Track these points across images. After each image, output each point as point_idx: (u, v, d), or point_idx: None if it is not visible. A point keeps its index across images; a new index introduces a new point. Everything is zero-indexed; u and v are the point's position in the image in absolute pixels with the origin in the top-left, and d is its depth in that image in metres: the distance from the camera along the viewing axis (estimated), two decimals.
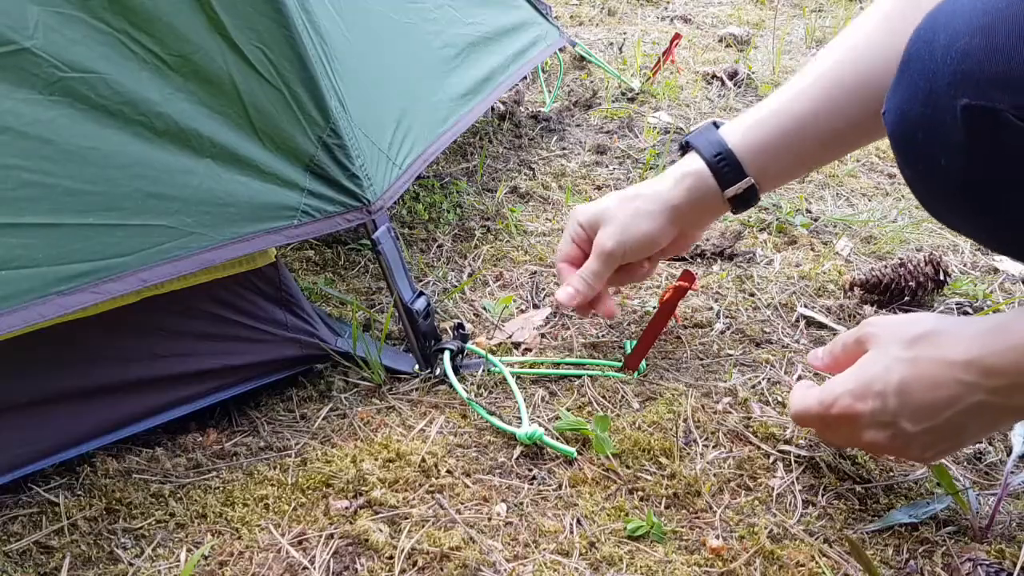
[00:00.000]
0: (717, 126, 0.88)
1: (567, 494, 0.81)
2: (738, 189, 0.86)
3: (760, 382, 0.98)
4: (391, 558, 0.73)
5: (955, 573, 0.72)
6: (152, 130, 0.77)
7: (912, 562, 0.74)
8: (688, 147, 0.89)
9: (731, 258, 1.26)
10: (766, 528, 0.77)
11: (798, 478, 0.84)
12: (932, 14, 0.64)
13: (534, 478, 0.83)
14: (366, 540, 0.75)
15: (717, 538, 0.76)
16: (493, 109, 1.77)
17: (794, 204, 1.43)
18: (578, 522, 0.78)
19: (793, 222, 1.36)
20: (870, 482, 0.83)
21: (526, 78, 1.97)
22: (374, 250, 0.92)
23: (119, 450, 0.85)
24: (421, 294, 0.97)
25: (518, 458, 0.86)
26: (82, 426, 0.80)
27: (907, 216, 1.41)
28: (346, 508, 0.78)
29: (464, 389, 0.94)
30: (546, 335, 1.06)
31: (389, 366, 0.97)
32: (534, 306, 1.12)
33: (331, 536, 0.76)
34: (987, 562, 0.72)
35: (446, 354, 0.96)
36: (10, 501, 0.80)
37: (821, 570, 0.73)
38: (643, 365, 0.99)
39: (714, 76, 2.04)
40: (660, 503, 0.81)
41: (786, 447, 0.87)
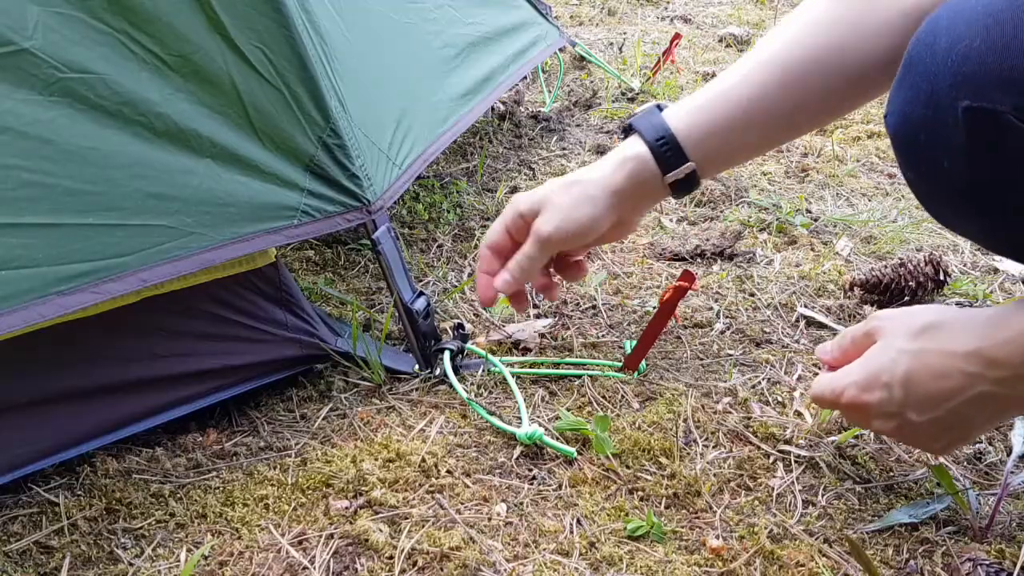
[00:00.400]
0: (661, 109, 0.86)
1: (567, 494, 0.81)
2: (679, 174, 0.84)
3: (760, 382, 0.98)
4: (391, 558, 0.73)
5: (955, 573, 0.72)
6: (152, 130, 0.77)
7: (912, 562, 0.74)
8: (631, 130, 0.87)
9: (731, 258, 1.26)
10: (766, 528, 0.77)
11: (798, 478, 0.84)
12: (934, 17, 0.64)
13: (534, 478, 0.83)
14: (366, 540, 0.75)
15: (717, 538, 0.76)
16: (493, 109, 1.77)
17: (794, 204, 1.43)
18: (578, 522, 0.78)
19: (793, 222, 1.36)
20: (870, 482, 0.83)
21: (526, 78, 1.97)
22: (374, 250, 0.92)
23: (119, 450, 0.85)
24: (421, 294, 0.97)
25: (518, 458, 0.86)
26: (82, 426, 0.80)
27: (907, 216, 1.41)
28: (346, 508, 0.78)
29: (464, 389, 0.94)
30: (546, 335, 1.06)
31: (389, 366, 0.97)
32: (534, 306, 1.12)
33: (331, 536, 0.76)
34: (987, 562, 0.72)
35: (446, 354, 0.96)
36: (10, 501, 0.80)
37: (821, 570, 0.73)
38: (643, 365, 0.99)
39: (714, 76, 2.04)
40: (660, 503, 0.81)
41: (786, 447, 0.87)
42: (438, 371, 0.96)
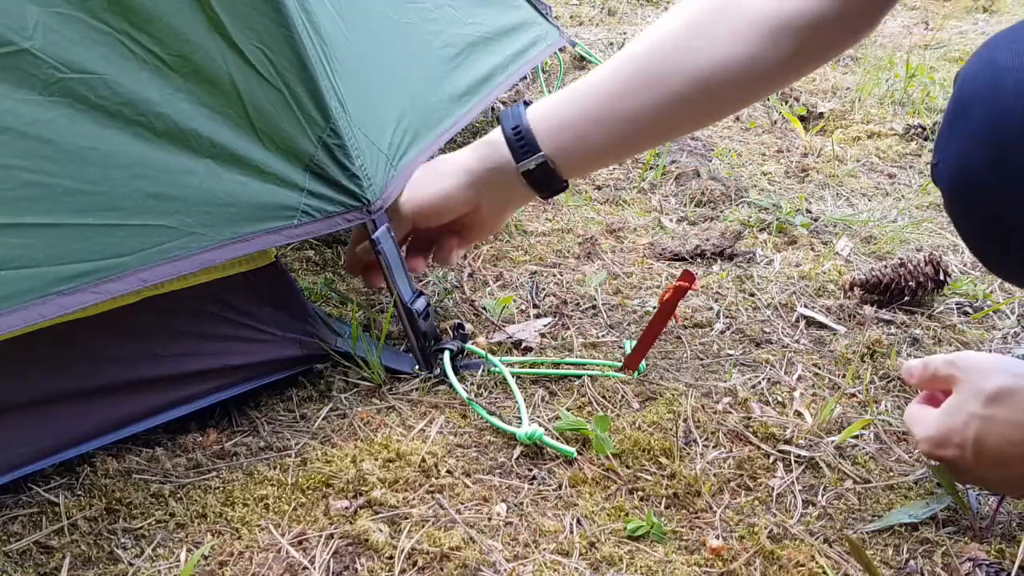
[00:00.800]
0: (527, 104, 0.89)
1: (567, 494, 0.81)
2: (530, 163, 0.85)
3: (760, 382, 0.98)
4: (391, 558, 0.73)
5: (955, 573, 0.72)
6: (152, 130, 0.77)
7: (912, 562, 0.74)
8: (498, 121, 0.90)
9: (731, 258, 1.26)
10: (766, 528, 0.77)
11: (798, 478, 0.84)
12: (987, 55, 0.60)
13: (534, 478, 0.83)
14: (366, 540, 0.75)
15: (717, 538, 0.76)
16: (493, 109, 1.77)
17: (794, 204, 1.43)
18: (578, 522, 0.78)
19: (793, 222, 1.36)
20: (870, 482, 0.83)
21: (526, 78, 1.97)
22: (374, 250, 0.92)
23: (119, 450, 0.85)
24: (421, 294, 0.97)
25: (518, 458, 0.86)
26: (82, 426, 0.80)
27: (907, 216, 1.41)
28: (346, 508, 0.78)
29: (464, 389, 0.94)
30: (546, 335, 1.06)
31: (389, 366, 0.97)
32: (534, 306, 1.12)
33: (331, 536, 0.76)
34: (987, 562, 0.72)
35: (446, 354, 0.96)
36: (10, 501, 0.80)
37: (821, 570, 0.73)
38: (643, 365, 0.99)
39: None
40: (660, 503, 0.81)
41: (786, 447, 0.87)
42: (438, 371, 0.96)
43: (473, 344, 1.01)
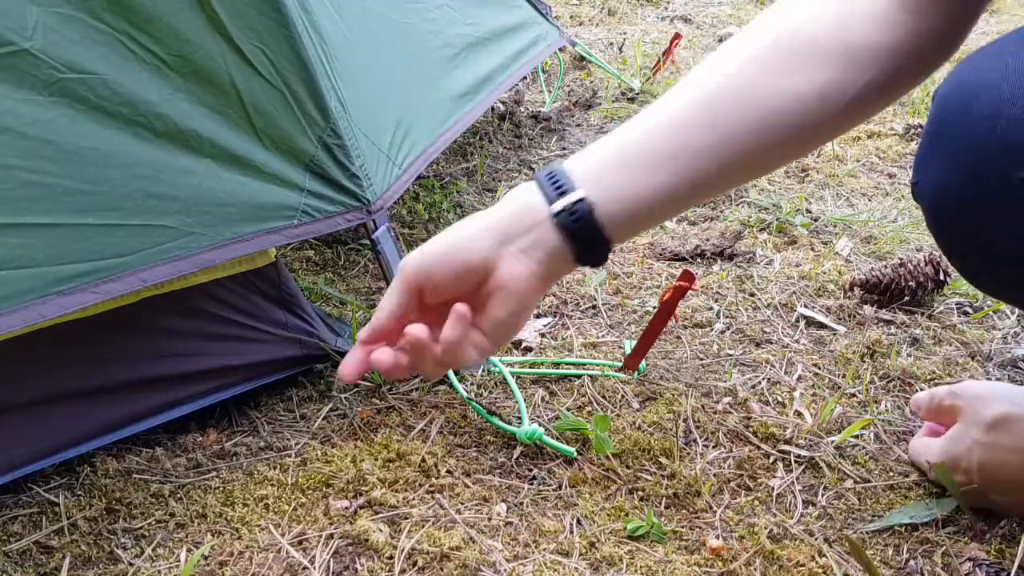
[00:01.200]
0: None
1: (567, 494, 0.81)
2: (566, 202, 0.65)
3: (760, 382, 0.98)
4: (391, 558, 0.73)
5: (955, 573, 0.72)
6: (152, 130, 0.77)
7: (912, 562, 0.74)
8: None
9: (731, 258, 1.26)
10: (766, 528, 0.77)
11: (798, 478, 0.84)
12: (959, 77, 0.60)
13: (534, 478, 0.83)
14: (366, 540, 0.75)
15: (717, 538, 0.76)
16: (493, 109, 1.77)
17: (794, 204, 1.43)
18: (578, 522, 0.78)
19: (793, 222, 1.36)
20: (870, 482, 0.83)
21: (526, 78, 1.97)
22: (374, 250, 0.92)
23: (119, 450, 0.85)
24: None
25: (518, 458, 0.86)
26: (82, 426, 0.80)
27: (907, 216, 1.41)
28: (346, 508, 0.78)
29: (464, 389, 0.94)
30: (546, 335, 1.06)
31: None
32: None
33: (331, 536, 0.76)
34: (987, 562, 0.72)
35: None
36: (10, 501, 0.80)
37: (821, 570, 0.73)
38: (643, 365, 0.99)
39: None
40: (660, 503, 0.81)
41: (786, 447, 0.87)
42: None
43: None
